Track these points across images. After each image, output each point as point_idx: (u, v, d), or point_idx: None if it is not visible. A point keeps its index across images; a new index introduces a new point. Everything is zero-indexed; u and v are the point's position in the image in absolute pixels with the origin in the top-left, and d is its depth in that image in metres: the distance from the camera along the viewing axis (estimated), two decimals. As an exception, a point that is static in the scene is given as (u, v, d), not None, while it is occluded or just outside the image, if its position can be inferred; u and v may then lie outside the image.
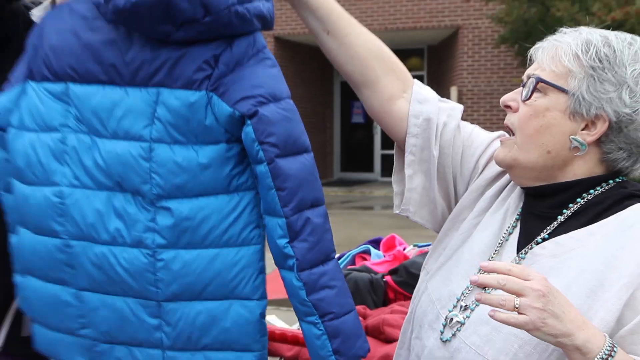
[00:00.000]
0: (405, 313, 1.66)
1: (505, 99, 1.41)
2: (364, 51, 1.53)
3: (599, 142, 1.31)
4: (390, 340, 2.02)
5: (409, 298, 1.78)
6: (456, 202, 1.58)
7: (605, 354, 1.15)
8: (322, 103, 17.21)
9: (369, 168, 17.53)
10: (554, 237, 1.36)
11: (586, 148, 1.30)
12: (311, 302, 1.43)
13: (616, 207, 1.33)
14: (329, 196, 14.23)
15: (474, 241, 1.48)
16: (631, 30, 10.85)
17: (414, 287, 1.63)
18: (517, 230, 1.43)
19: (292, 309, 1.47)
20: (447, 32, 14.82)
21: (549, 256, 1.34)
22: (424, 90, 1.57)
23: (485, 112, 13.58)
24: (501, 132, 1.56)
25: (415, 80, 1.58)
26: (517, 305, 1.14)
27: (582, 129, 1.30)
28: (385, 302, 2.34)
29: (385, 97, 1.54)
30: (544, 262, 1.34)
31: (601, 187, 1.35)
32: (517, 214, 1.45)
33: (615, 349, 1.17)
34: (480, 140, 1.58)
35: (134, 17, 1.34)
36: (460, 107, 1.60)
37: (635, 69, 1.28)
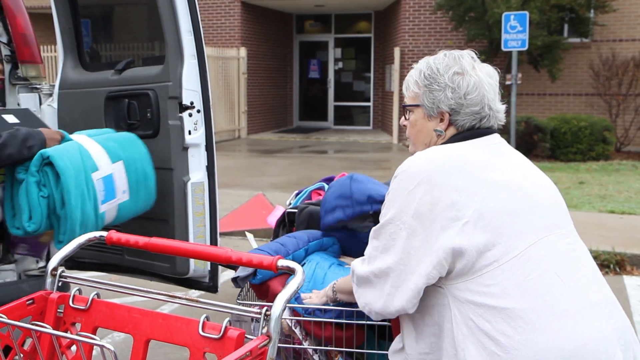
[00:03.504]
0: None
1: (401, 122, 1.81)
2: None
3: (451, 124, 1.67)
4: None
5: None
6: None
7: (333, 287, 1.86)
8: (284, 60, 16.92)
9: (324, 117, 17.42)
10: None
11: (444, 132, 1.67)
12: None
13: None
14: (289, 142, 14.17)
15: None
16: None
17: None
18: None
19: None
20: (392, -1, 14.64)
21: None
22: None
23: (423, 70, 13.48)
24: None
25: None
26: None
27: (440, 122, 1.68)
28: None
29: None
30: None
31: None
32: None
33: (334, 286, 1.86)
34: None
35: None
36: None
37: (449, 74, 1.64)
